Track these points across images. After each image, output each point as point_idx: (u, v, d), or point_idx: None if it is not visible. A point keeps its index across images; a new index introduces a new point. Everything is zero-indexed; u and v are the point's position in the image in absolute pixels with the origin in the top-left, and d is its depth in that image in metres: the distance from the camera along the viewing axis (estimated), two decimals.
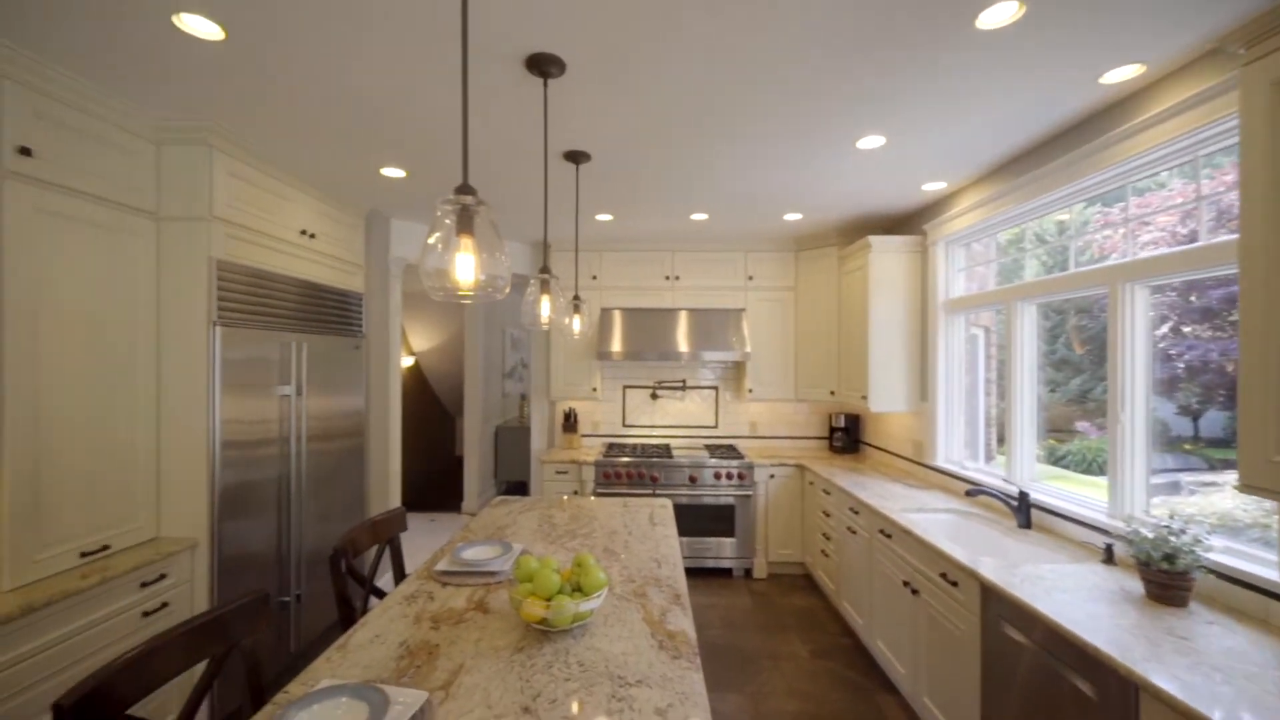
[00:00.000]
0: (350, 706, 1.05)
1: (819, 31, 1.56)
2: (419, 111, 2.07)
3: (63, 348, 1.86)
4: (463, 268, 0.94)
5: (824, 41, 1.61)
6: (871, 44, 1.62)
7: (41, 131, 1.78)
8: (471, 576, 1.76)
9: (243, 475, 2.40)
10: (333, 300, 3.05)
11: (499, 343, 6.38)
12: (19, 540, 1.73)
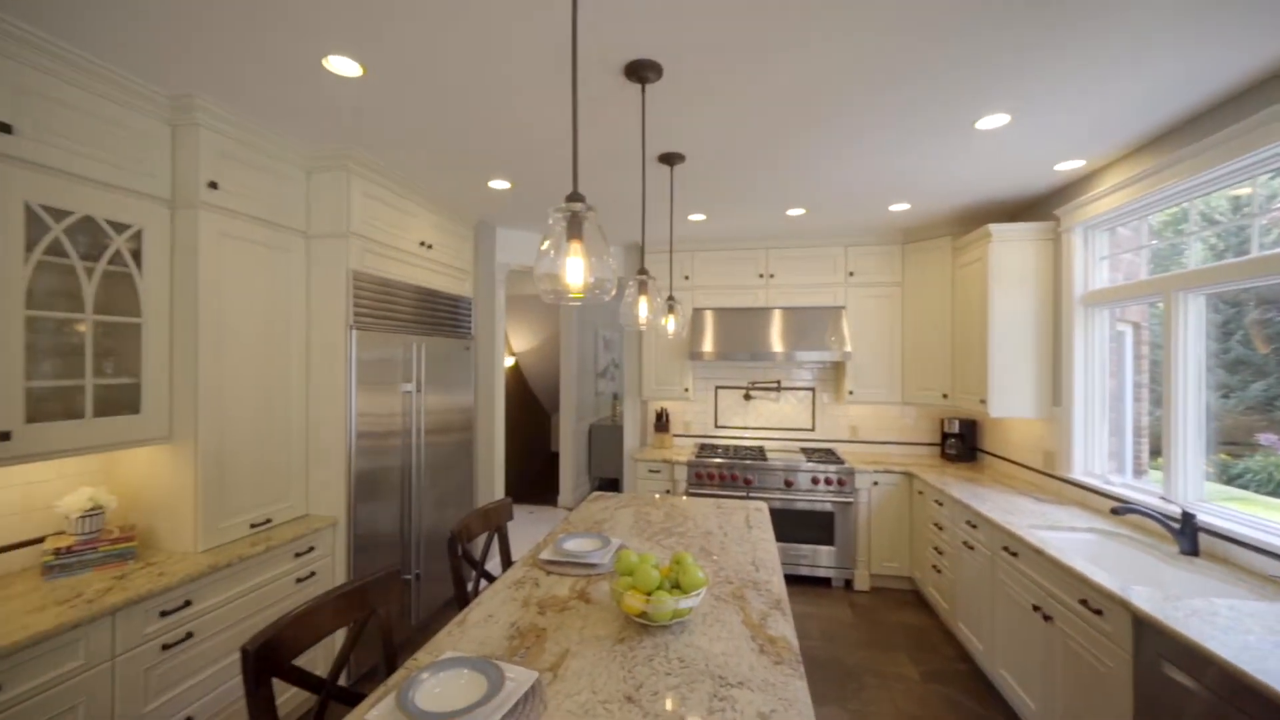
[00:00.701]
0: (471, 678, 1.14)
1: (930, 3, 1.45)
2: (524, 126, 2.19)
3: (237, 351, 2.18)
4: (573, 271, 0.99)
5: (935, 15, 1.50)
6: (995, 10, 1.48)
7: (224, 167, 2.11)
8: (573, 567, 1.83)
9: (373, 463, 2.68)
10: (446, 305, 3.32)
11: (592, 343, 6.59)
12: (208, 511, 2.06)
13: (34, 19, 1.53)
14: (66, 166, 1.70)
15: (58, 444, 1.70)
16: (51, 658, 1.48)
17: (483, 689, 1.10)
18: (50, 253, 1.69)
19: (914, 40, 1.60)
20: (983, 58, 1.69)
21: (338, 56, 1.72)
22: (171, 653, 1.79)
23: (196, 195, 2.02)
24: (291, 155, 2.41)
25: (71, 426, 1.73)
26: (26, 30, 1.56)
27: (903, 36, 1.59)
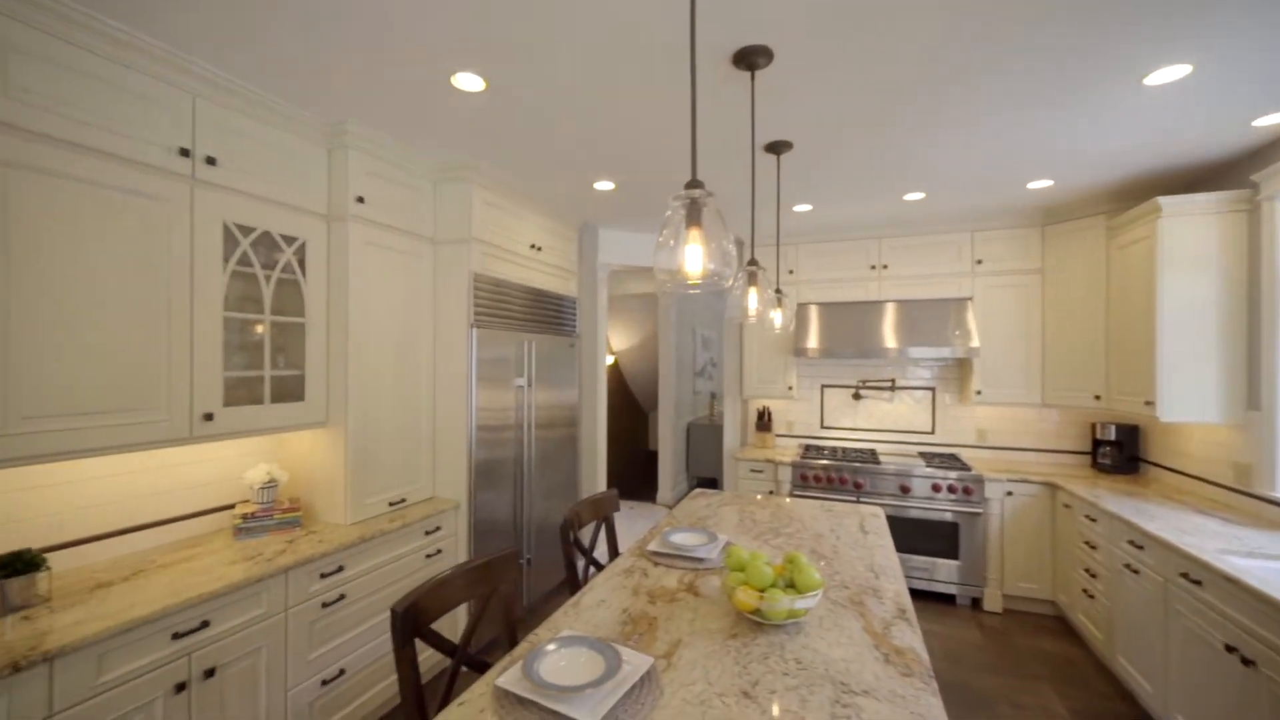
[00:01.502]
0: (590, 657, 1.17)
1: None
2: (629, 126, 2.24)
3: (377, 347, 2.44)
4: (692, 259, 0.99)
5: None
6: None
7: (369, 184, 2.37)
8: (680, 560, 1.83)
9: (490, 454, 2.87)
10: (553, 304, 3.48)
11: (690, 342, 6.58)
12: (355, 489, 2.32)
13: (226, 64, 1.82)
14: (252, 189, 2.00)
15: (244, 425, 2.00)
16: (242, 605, 1.74)
17: (601, 668, 1.13)
18: (240, 263, 1.99)
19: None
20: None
21: (464, 73, 1.86)
22: (329, 610, 2.04)
23: (347, 209, 2.28)
24: (421, 170, 2.65)
25: (255, 410, 2.04)
26: (224, 77, 1.86)
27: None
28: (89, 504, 1.83)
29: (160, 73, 1.72)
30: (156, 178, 1.73)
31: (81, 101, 1.56)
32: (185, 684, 1.58)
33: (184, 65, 1.76)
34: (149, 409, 1.73)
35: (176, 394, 1.79)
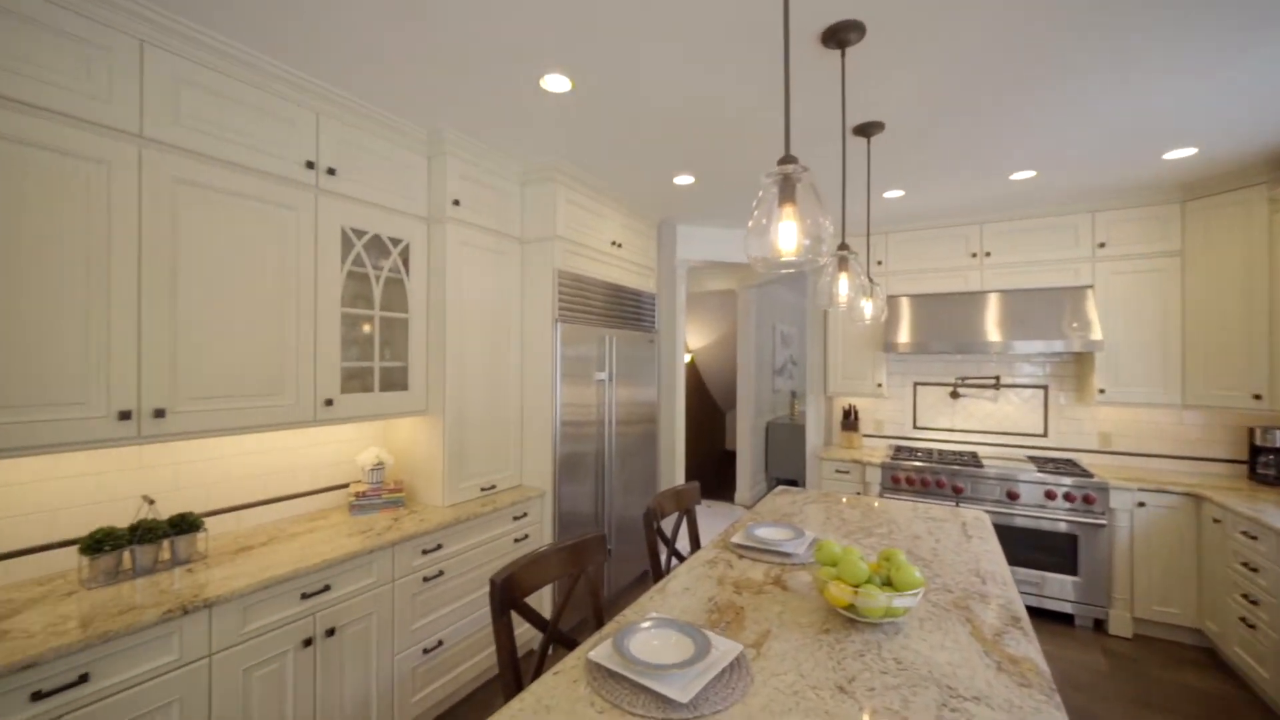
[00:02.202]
0: (679, 640, 1.18)
1: None
2: (711, 117, 2.22)
3: (470, 341, 2.59)
4: (785, 236, 0.96)
5: None
6: None
7: (463, 187, 2.53)
8: (766, 554, 1.79)
9: (573, 447, 2.95)
10: (633, 299, 3.52)
11: (769, 339, 6.42)
12: (451, 474, 2.47)
13: (345, 83, 2.01)
14: (364, 196, 2.20)
15: (357, 411, 2.20)
16: (357, 573, 1.91)
17: (690, 651, 1.13)
18: (354, 264, 2.19)
19: None
20: None
21: (552, 75, 1.93)
22: (429, 585, 2.19)
23: (445, 212, 2.44)
24: (509, 172, 2.79)
25: (365, 398, 2.23)
26: (341, 94, 2.06)
27: None
28: (231, 478, 2.09)
29: (292, 95, 1.94)
30: (289, 188, 1.95)
31: (232, 124, 1.79)
32: (311, 640, 1.76)
33: (311, 87, 1.97)
34: (281, 394, 1.94)
35: (303, 382, 2.00)
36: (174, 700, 1.45)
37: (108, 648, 1.33)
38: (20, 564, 1.59)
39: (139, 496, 1.83)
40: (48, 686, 1.24)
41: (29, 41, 1.39)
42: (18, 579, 1.59)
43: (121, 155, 1.55)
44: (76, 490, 1.70)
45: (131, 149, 1.57)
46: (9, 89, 1.36)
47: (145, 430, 1.60)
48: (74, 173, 1.47)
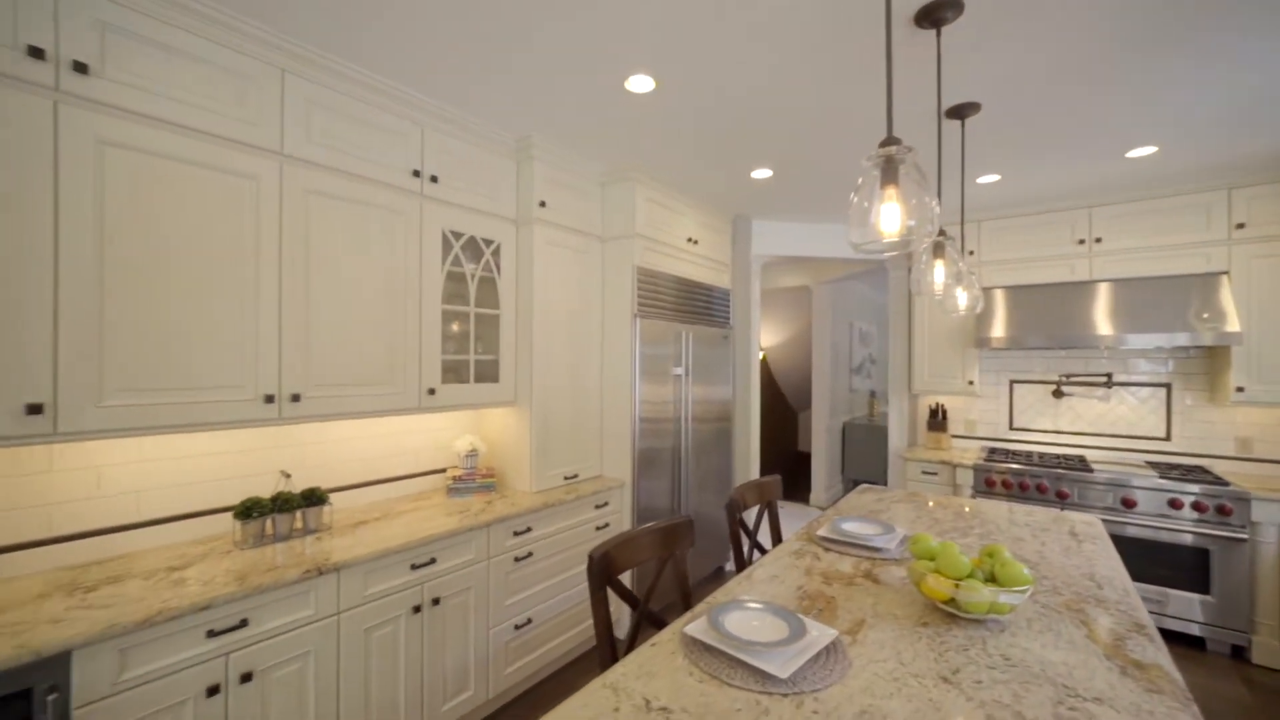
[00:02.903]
0: (773, 622, 1.20)
1: None
2: (793, 108, 2.21)
3: (554, 336, 2.71)
4: (888, 218, 0.96)
5: None
6: None
7: (549, 190, 2.65)
8: (854, 548, 1.76)
9: (651, 441, 3.01)
10: (708, 295, 3.54)
11: (846, 337, 6.21)
12: (538, 462, 2.60)
13: (444, 95, 2.17)
14: (462, 201, 2.37)
15: (455, 400, 2.37)
16: (457, 549, 2.06)
17: (785, 632, 1.15)
18: (453, 264, 2.36)
19: None
20: None
21: (637, 76, 2.00)
22: (520, 565, 2.32)
23: (532, 213, 2.58)
24: (590, 173, 2.89)
25: (462, 388, 2.40)
26: (438, 105, 2.23)
27: None
28: (346, 460, 2.31)
29: (402, 110, 2.12)
30: (398, 195, 2.14)
31: (353, 139, 1.99)
32: (420, 607, 1.93)
33: (418, 102, 2.15)
34: (391, 383, 2.13)
35: (409, 372, 2.19)
36: (310, 650, 1.64)
37: (261, 599, 1.53)
38: (185, 526, 1.86)
39: (277, 472, 2.07)
40: (218, 627, 1.44)
41: (195, 76, 1.62)
42: (185, 539, 1.85)
43: (267, 170, 1.77)
44: (226, 465, 1.96)
45: (274, 164, 1.79)
46: (180, 117, 1.59)
47: (284, 412, 1.81)
48: (231, 188, 1.69)
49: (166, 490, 1.82)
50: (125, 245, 1.49)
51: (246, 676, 1.49)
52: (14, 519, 1.54)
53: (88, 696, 1.24)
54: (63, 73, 1.38)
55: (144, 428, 1.52)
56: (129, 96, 1.49)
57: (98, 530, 1.68)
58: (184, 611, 1.37)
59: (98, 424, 1.44)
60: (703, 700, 0.97)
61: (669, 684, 1.02)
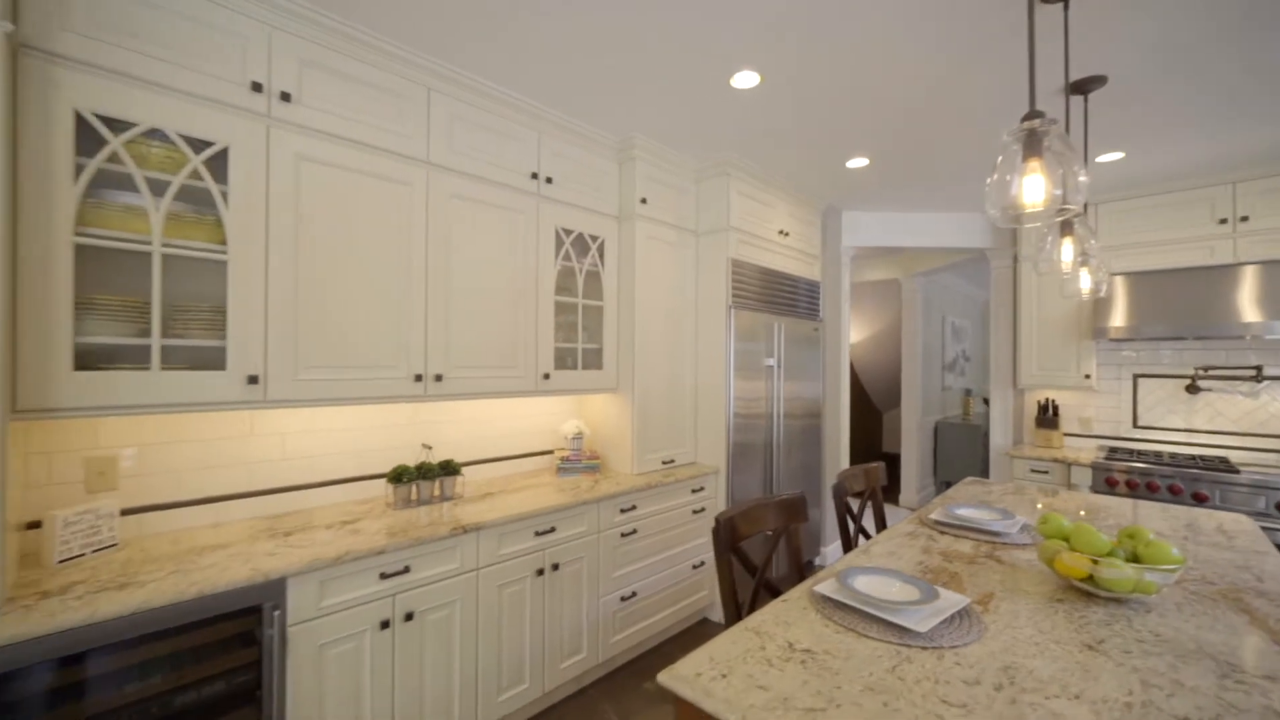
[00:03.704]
0: (902, 587, 1.24)
1: None
2: (895, 95, 2.20)
3: (652, 327, 2.84)
4: (1030, 190, 0.99)
5: None
6: None
7: (649, 187, 2.79)
8: (971, 532, 1.75)
9: (744, 432, 3.06)
10: (797, 287, 3.54)
11: (939, 332, 5.94)
12: (638, 445, 2.74)
13: (558, 103, 2.36)
14: (572, 200, 2.55)
15: (565, 385, 2.55)
16: (572, 521, 2.23)
17: (915, 595, 1.19)
18: (563, 259, 2.55)
19: None
20: None
21: (743, 72, 2.08)
22: (625, 540, 2.46)
23: (634, 210, 2.72)
24: (686, 169, 3.00)
25: (571, 374, 2.58)
26: (554, 113, 2.41)
27: None
28: (470, 438, 2.55)
29: (522, 119, 2.33)
30: (520, 197, 2.34)
31: (485, 146, 2.21)
32: (543, 570, 2.11)
33: (536, 110, 2.34)
34: (513, 367, 2.34)
35: (527, 357, 2.39)
36: (456, 600, 1.85)
37: (419, 549, 1.75)
38: (346, 489, 2.14)
39: (416, 446, 2.33)
40: (388, 570, 1.67)
41: (364, 98, 1.88)
42: (347, 499, 2.13)
43: (418, 178, 2.01)
44: (375, 438, 2.23)
45: (423, 172, 2.03)
46: (355, 133, 1.85)
47: (430, 390, 2.05)
48: (391, 194, 1.95)
49: (332, 457, 2.11)
50: (312, 245, 1.76)
51: (409, 615, 1.71)
52: (224, 474, 1.86)
53: (298, 616, 1.49)
54: (273, 102, 1.66)
55: (326, 399, 1.79)
56: (318, 118, 1.76)
57: (284, 487, 1.98)
58: (364, 554, 1.61)
59: (294, 394, 1.72)
60: (844, 647, 1.04)
61: (807, 632, 1.10)
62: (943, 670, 0.96)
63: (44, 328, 1.32)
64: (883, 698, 0.88)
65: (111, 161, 1.42)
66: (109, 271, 1.52)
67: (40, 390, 1.31)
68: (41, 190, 1.32)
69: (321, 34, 1.75)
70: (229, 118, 1.59)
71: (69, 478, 1.58)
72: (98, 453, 1.62)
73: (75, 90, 1.36)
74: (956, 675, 0.94)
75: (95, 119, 1.39)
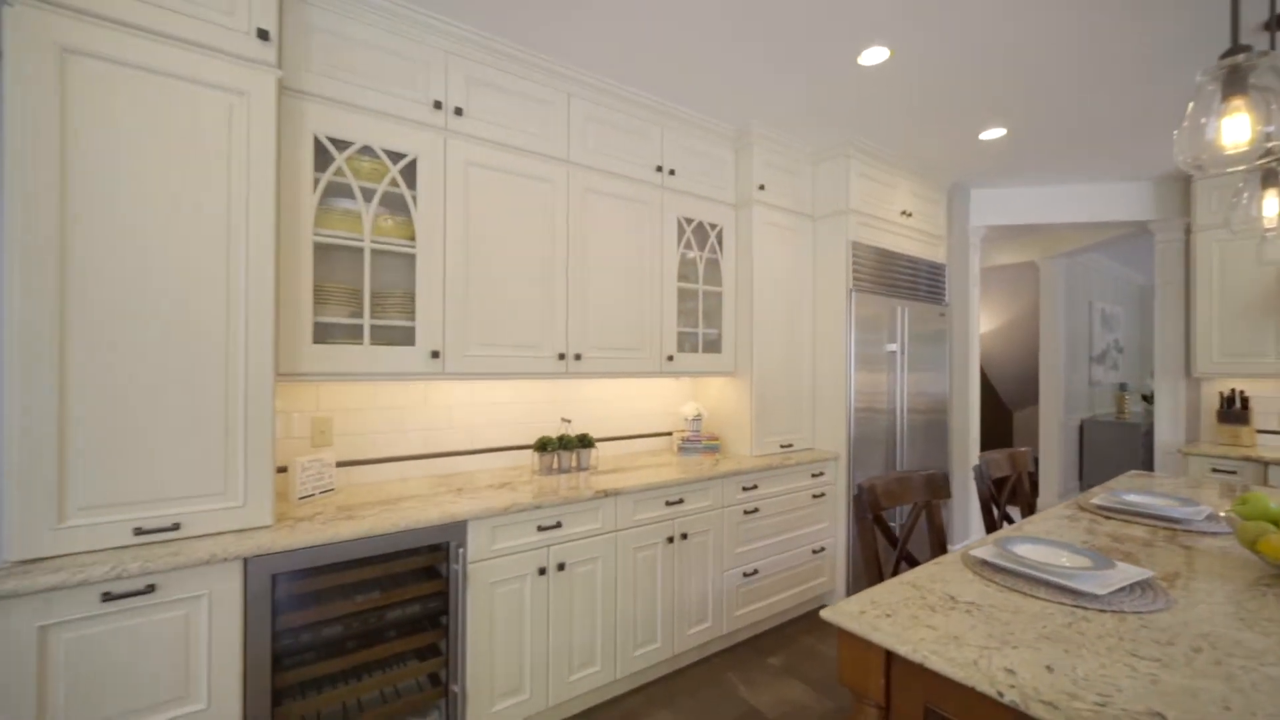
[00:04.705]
0: (1070, 557, 1.20)
1: None
2: (1036, 62, 2.06)
3: (769, 313, 2.86)
4: (1232, 130, 0.93)
5: None
6: None
7: (767, 173, 2.82)
8: (1143, 518, 1.61)
9: (865, 429, 2.99)
10: (920, 270, 3.38)
11: (1084, 320, 5.33)
12: (758, 428, 2.78)
13: (678, 98, 2.47)
14: (691, 190, 2.65)
15: (687, 367, 2.66)
16: (698, 495, 2.33)
17: (1088, 564, 1.14)
18: (685, 247, 2.66)
19: None
20: None
21: (873, 48, 2.06)
22: (747, 519, 2.52)
23: (751, 196, 2.77)
24: (803, 153, 2.99)
25: (693, 357, 2.68)
26: (672, 105, 2.53)
27: None
28: (597, 417, 2.73)
29: (648, 116, 2.47)
30: (646, 189, 2.49)
31: (616, 143, 2.38)
32: (672, 538, 2.23)
33: (660, 107, 2.48)
34: (641, 349, 2.49)
35: (653, 340, 2.53)
36: (599, 557, 2.02)
37: (568, 508, 1.94)
38: (496, 456, 2.40)
39: (554, 420, 2.56)
40: (544, 524, 1.88)
41: (515, 105, 2.11)
42: (497, 466, 2.40)
43: (559, 175, 2.22)
44: (519, 413, 2.48)
45: (564, 170, 2.23)
46: (512, 140, 2.09)
47: (570, 369, 2.25)
48: (538, 192, 2.17)
49: (486, 428, 2.38)
50: (477, 239, 2.02)
51: (561, 566, 1.91)
52: (405, 439, 2.17)
53: (475, 556, 1.73)
54: (449, 116, 1.94)
55: (489, 373, 2.04)
56: (482, 128, 2.02)
57: (450, 452, 2.27)
58: (526, 507, 1.82)
59: (465, 367, 1.98)
60: (1009, 603, 1.04)
61: (966, 588, 1.10)
62: (1127, 630, 0.93)
63: (295, 309, 1.65)
64: (1062, 646, 0.88)
65: (337, 174, 1.74)
66: (333, 264, 1.85)
67: (292, 358, 1.65)
68: (293, 200, 1.65)
69: (485, 54, 2.01)
70: (417, 132, 1.87)
71: (297, 434, 1.95)
72: (319, 414, 1.98)
73: (314, 118, 1.69)
74: (1145, 636, 0.91)
75: (327, 141, 1.71)
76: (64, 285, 1.27)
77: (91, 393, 1.29)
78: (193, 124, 1.41)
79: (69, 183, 1.27)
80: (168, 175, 1.38)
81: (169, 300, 1.38)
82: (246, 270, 1.48)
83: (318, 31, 1.70)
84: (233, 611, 1.37)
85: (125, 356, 1.33)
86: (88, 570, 1.20)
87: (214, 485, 1.44)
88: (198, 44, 1.42)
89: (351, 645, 1.63)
